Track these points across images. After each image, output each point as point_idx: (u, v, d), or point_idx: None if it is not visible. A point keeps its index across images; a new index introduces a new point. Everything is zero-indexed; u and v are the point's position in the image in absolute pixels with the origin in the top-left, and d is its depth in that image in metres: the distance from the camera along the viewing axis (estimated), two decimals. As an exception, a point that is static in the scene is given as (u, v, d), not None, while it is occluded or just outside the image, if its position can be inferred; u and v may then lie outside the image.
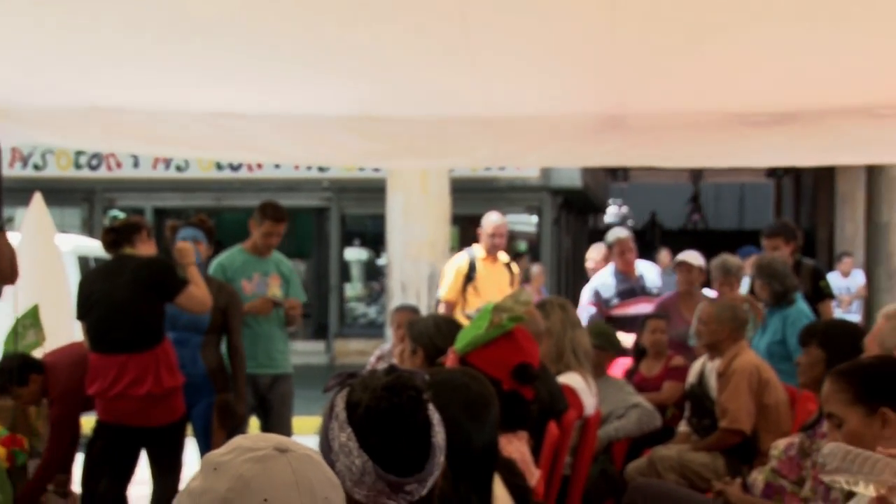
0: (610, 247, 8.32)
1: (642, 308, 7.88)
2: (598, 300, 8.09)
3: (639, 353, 7.10)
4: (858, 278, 17.29)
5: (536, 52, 4.91)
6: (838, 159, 6.03)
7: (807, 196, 29.11)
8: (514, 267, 8.54)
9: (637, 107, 5.85)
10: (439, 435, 1.98)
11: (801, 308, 6.70)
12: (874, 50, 4.59)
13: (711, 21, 4.34)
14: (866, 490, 2.37)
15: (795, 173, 29.61)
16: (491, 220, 8.33)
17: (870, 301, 16.69)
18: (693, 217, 34.29)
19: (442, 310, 8.21)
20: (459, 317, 7.39)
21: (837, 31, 4.35)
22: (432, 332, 4.33)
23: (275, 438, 1.58)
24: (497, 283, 8.22)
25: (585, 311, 8.05)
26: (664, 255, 15.70)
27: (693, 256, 7.68)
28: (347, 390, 2.02)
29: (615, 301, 8.09)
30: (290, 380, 6.70)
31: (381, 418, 1.94)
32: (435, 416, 2.00)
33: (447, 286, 8.30)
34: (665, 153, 6.35)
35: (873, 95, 5.34)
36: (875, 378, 2.89)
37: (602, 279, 8.22)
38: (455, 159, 7.85)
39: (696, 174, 32.23)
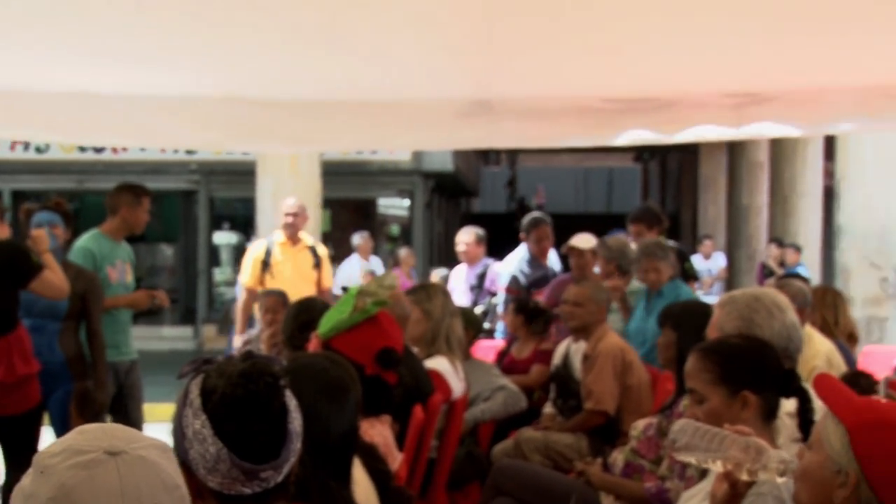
0: (527, 232, 8.22)
1: None
2: (518, 287, 7.99)
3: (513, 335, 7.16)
4: (719, 260, 17.79)
5: (404, 36, 4.90)
6: (694, 137, 6.21)
7: (672, 180, 29.79)
8: (320, 249, 8.62)
9: (504, 91, 5.90)
10: (296, 421, 1.97)
11: (687, 289, 6.81)
12: (726, 39, 4.72)
13: (575, 10, 4.40)
14: (714, 466, 2.43)
15: (661, 157, 30.30)
16: (287, 203, 8.49)
17: (730, 283, 17.19)
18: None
19: (243, 297, 8.42)
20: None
21: (692, 22, 4.46)
22: (289, 320, 4.31)
23: (109, 438, 1.53)
24: (298, 266, 8.35)
25: (502, 296, 8.00)
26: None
27: (584, 240, 7.59)
28: (203, 377, 1.99)
29: (534, 288, 8.04)
30: (139, 365, 6.63)
31: (237, 405, 1.93)
32: (292, 403, 1.99)
33: (246, 273, 8.42)
34: (533, 135, 6.41)
35: (725, 82, 5.49)
36: (740, 361, 2.94)
37: (518, 266, 8.12)
38: (324, 144, 7.80)
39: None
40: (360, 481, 2.68)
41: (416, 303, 5.42)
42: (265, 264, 8.34)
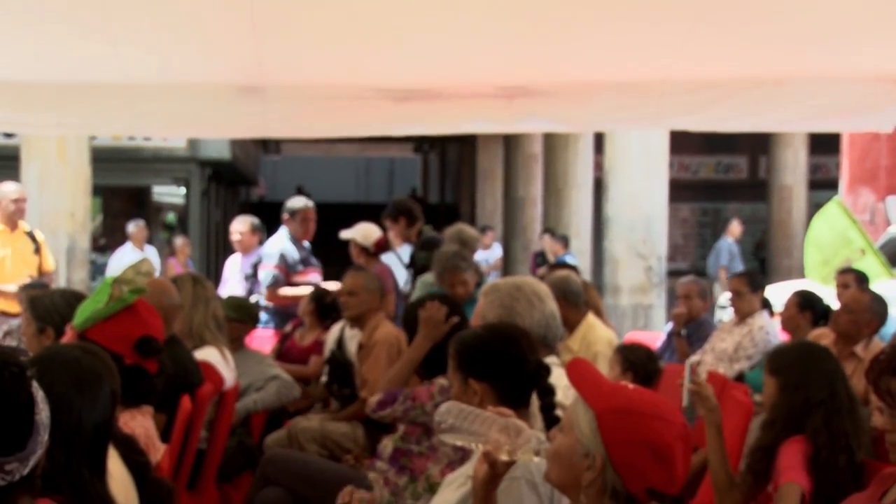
0: (292, 214, 8.16)
1: (314, 277, 7.93)
2: (285, 264, 7.91)
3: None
4: (496, 250, 18.19)
5: (171, 18, 4.81)
6: (471, 128, 6.35)
7: (451, 171, 30.23)
8: (38, 234, 8.50)
9: (277, 77, 5.86)
10: (43, 412, 1.92)
11: None
12: (495, 35, 4.85)
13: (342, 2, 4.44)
14: (476, 449, 2.49)
15: (441, 149, 30.72)
16: (12, 189, 8.33)
17: (506, 272, 17.62)
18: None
19: None
20: None
21: (463, 17, 4.57)
22: (62, 309, 4.13)
23: None
24: (19, 253, 8.21)
25: (269, 273, 7.89)
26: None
27: (354, 232, 7.66)
28: None
29: (300, 268, 8.01)
30: None
31: None
32: (39, 394, 1.94)
33: None
34: (306, 124, 6.39)
35: (494, 75, 5.63)
36: (467, 350, 3.10)
37: (282, 245, 8.05)
38: (94, 128, 7.58)
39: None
40: (117, 473, 2.61)
41: None
42: None
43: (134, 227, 14.14)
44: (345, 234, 7.74)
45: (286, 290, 7.86)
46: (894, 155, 12.36)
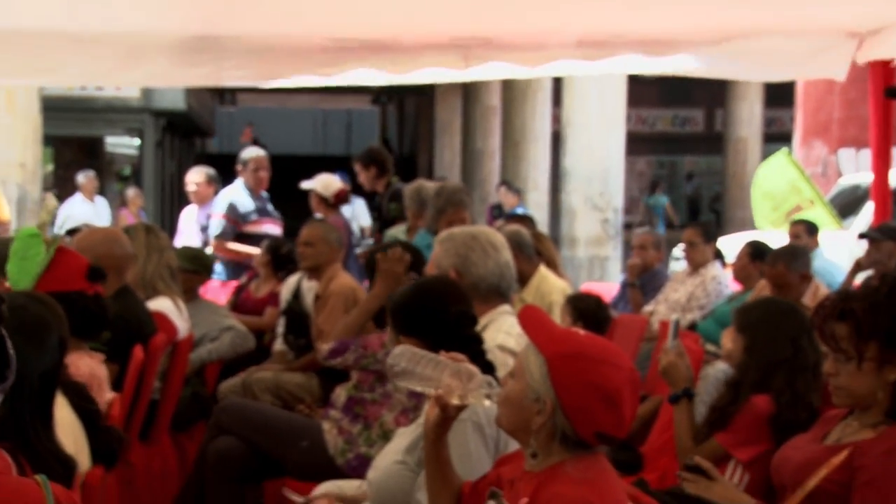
0: (244, 164, 8.10)
1: (269, 228, 7.90)
2: (234, 214, 7.88)
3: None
4: (453, 202, 18.15)
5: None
6: (427, 78, 6.27)
7: (409, 123, 30.11)
8: None
9: (231, 27, 5.79)
10: (10, 348, 1.89)
11: None
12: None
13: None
14: (429, 392, 2.50)
15: (399, 100, 30.58)
16: None
17: (463, 224, 17.61)
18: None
19: None
20: None
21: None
22: None
23: None
24: None
25: (218, 223, 7.84)
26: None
27: (315, 182, 7.66)
28: None
29: (254, 217, 7.96)
30: None
31: None
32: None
33: None
34: (260, 74, 6.31)
35: (458, 30, 5.60)
36: (395, 307, 3.15)
37: (235, 195, 8.01)
38: (41, 77, 7.43)
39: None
40: (65, 421, 2.59)
41: None
42: None
43: (83, 177, 13.97)
44: (305, 185, 7.70)
45: (234, 245, 7.82)
46: (847, 108, 12.46)
